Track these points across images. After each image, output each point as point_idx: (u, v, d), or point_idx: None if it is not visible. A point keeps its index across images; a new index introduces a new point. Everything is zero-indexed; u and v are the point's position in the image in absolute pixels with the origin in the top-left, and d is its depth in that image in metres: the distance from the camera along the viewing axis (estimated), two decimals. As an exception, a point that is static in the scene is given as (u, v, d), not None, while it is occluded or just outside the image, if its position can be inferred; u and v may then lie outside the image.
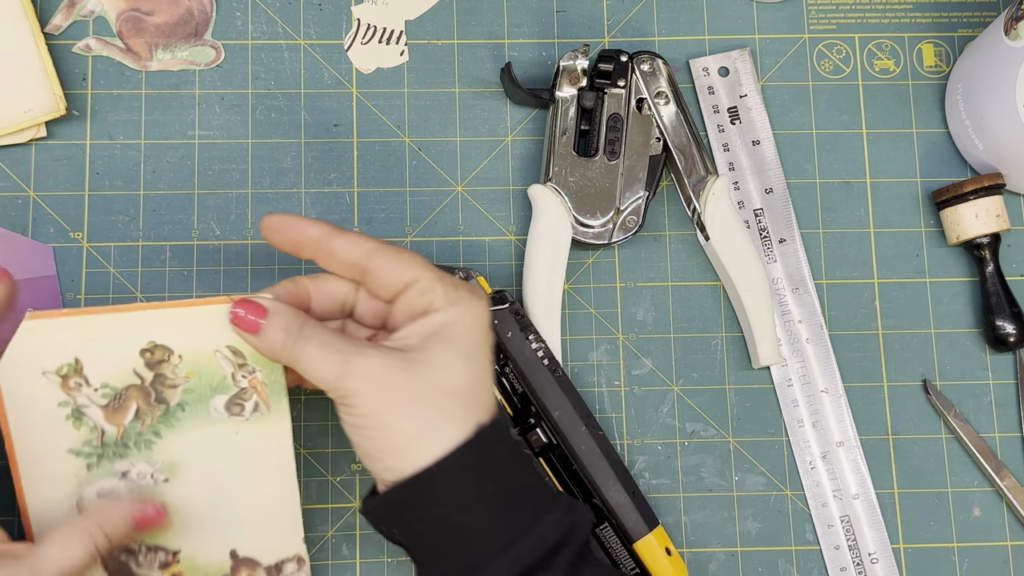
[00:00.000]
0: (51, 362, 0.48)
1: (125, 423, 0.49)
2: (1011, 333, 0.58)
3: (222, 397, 0.49)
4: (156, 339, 0.48)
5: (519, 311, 0.55)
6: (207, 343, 0.49)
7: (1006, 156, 0.58)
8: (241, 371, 0.49)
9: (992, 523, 0.58)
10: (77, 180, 0.59)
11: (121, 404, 0.49)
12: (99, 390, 0.49)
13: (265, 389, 0.49)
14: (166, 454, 0.49)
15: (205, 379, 0.49)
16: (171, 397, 0.49)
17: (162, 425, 0.49)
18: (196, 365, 0.49)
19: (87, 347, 0.48)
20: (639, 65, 0.59)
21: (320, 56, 0.61)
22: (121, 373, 0.49)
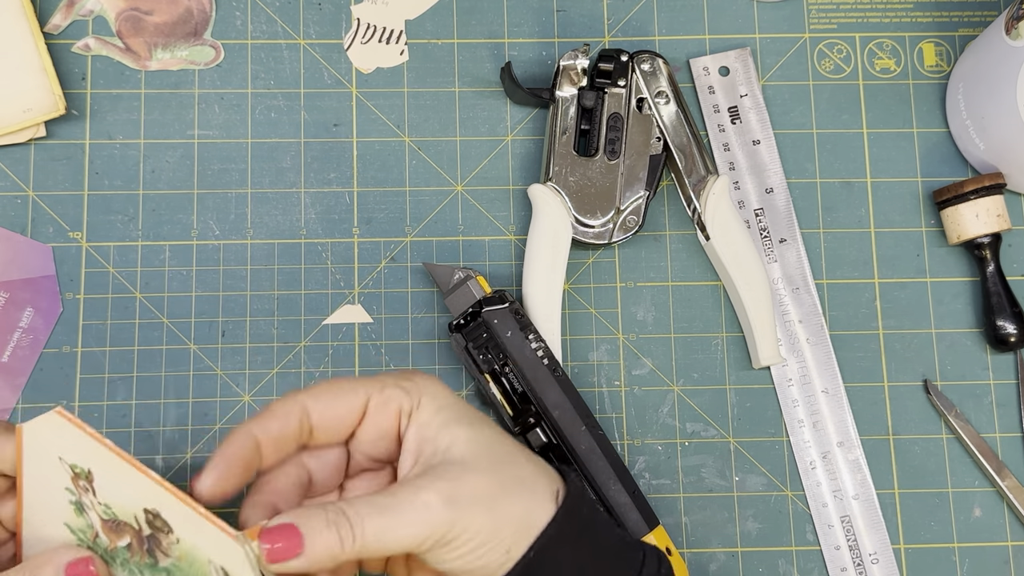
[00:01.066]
0: (68, 456, 0.45)
1: (118, 544, 0.46)
2: (1012, 333, 0.58)
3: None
4: (161, 512, 0.44)
5: (519, 311, 0.55)
6: (204, 550, 0.44)
7: (1007, 156, 0.58)
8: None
9: (993, 523, 0.58)
10: (76, 180, 0.59)
11: (117, 529, 0.46)
12: (101, 505, 0.45)
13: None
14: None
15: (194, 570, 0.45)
16: (160, 559, 0.45)
17: (148, 571, 0.46)
18: (188, 558, 0.45)
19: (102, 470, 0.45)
20: (639, 65, 0.59)
21: (320, 56, 0.61)
22: (123, 511, 0.45)
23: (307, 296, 0.59)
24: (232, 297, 0.58)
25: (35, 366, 0.57)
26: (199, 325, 0.58)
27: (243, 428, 0.43)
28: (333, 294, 0.59)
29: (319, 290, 0.59)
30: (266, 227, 0.59)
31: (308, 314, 0.58)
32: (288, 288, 0.59)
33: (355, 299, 0.59)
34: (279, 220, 0.59)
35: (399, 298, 0.59)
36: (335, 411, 0.43)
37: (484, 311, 0.55)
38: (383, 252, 0.59)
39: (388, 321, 0.59)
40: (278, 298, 0.58)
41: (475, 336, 0.55)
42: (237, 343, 0.58)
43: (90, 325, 0.57)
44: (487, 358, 0.55)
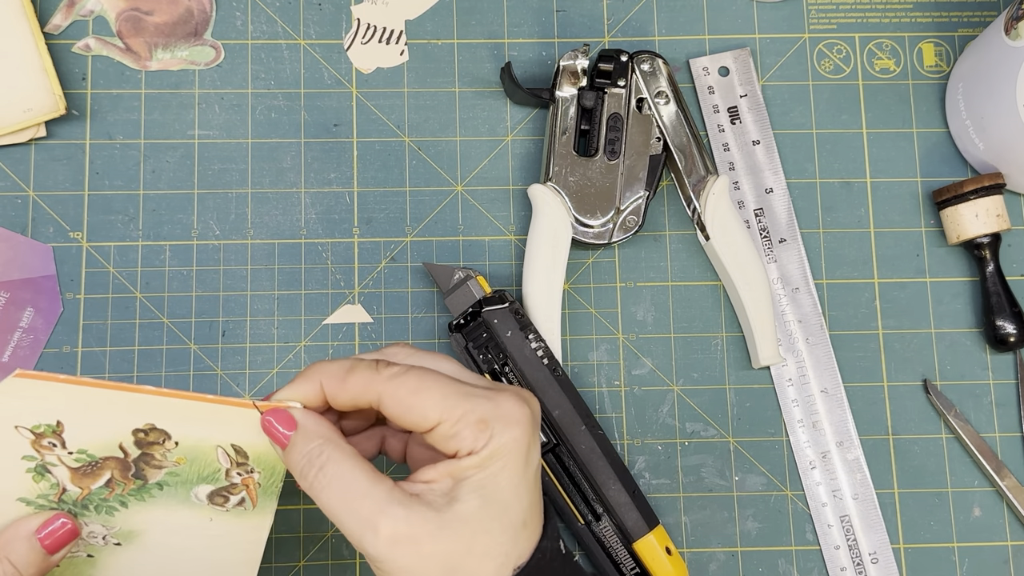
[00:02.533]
0: (28, 419, 0.44)
1: (92, 488, 0.45)
2: (1011, 333, 0.58)
3: (207, 487, 0.45)
4: (156, 423, 0.44)
5: (519, 311, 0.55)
6: (211, 438, 0.45)
7: (1006, 156, 0.58)
8: (238, 469, 0.45)
9: (992, 523, 0.58)
10: (77, 180, 0.59)
11: (94, 471, 0.45)
12: (73, 454, 0.45)
13: (258, 490, 0.46)
14: (126, 523, 0.46)
15: (196, 467, 0.45)
16: (152, 476, 0.45)
17: (132, 498, 0.46)
18: (191, 453, 0.45)
19: (73, 414, 0.44)
20: (639, 65, 0.59)
21: (320, 56, 0.61)
22: (104, 445, 0.45)
23: (307, 296, 0.59)
24: (232, 297, 0.58)
25: (35, 366, 0.57)
26: (199, 325, 0.58)
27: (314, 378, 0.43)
28: (333, 294, 0.59)
29: (319, 290, 0.59)
30: (266, 227, 0.59)
31: (308, 314, 0.58)
32: (288, 288, 0.59)
33: (355, 299, 0.59)
34: (279, 220, 0.59)
35: (399, 298, 0.59)
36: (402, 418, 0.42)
37: (484, 311, 0.55)
38: (383, 252, 0.59)
39: (388, 321, 0.59)
40: (278, 298, 0.59)
41: (475, 336, 0.55)
42: (237, 343, 0.58)
43: (90, 325, 0.57)
44: (487, 358, 0.55)
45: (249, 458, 0.45)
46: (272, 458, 0.45)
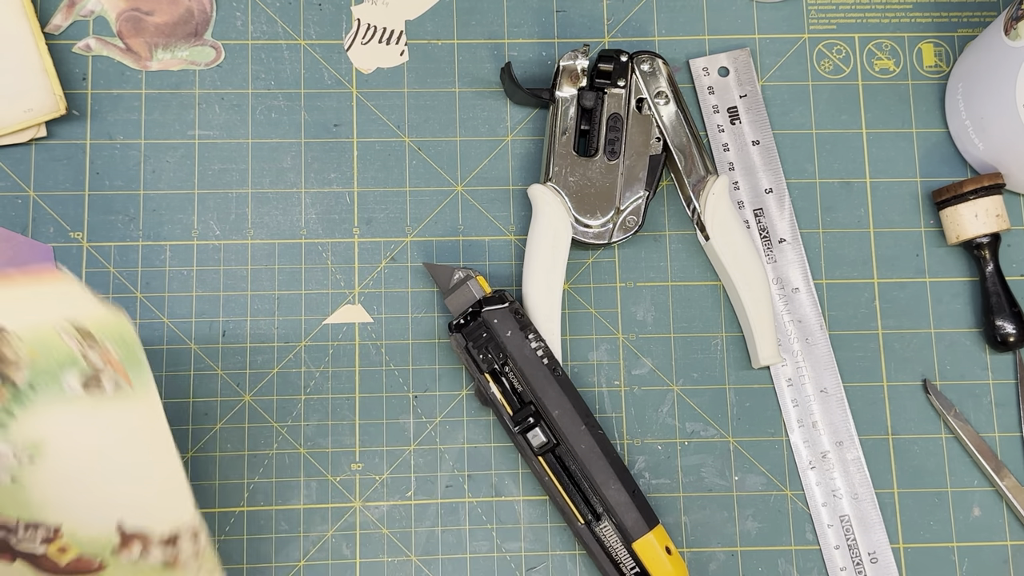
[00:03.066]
0: None
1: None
2: (1011, 333, 0.58)
3: (75, 375, 0.45)
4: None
5: (519, 310, 0.55)
6: (46, 321, 0.44)
7: (1006, 156, 0.58)
8: (90, 349, 0.44)
9: (992, 523, 0.58)
10: (77, 180, 0.59)
11: None
12: None
13: (123, 366, 0.45)
14: (24, 434, 0.46)
15: (52, 357, 0.44)
16: (17, 376, 0.45)
17: (14, 405, 0.45)
18: (38, 343, 0.44)
19: None
20: (639, 65, 0.59)
21: (320, 56, 0.61)
22: None
23: (307, 296, 0.59)
24: (232, 297, 0.58)
25: (36, 366, 0.57)
26: (199, 325, 0.58)
27: None
28: (333, 294, 0.59)
29: (319, 290, 0.59)
30: (266, 227, 0.59)
31: (308, 314, 0.59)
32: (288, 288, 0.59)
33: (355, 299, 0.59)
34: (279, 220, 0.59)
35: (399, 298, 0.59)
36: None
37: (484, 311, 0.55)
38: (383, 252, 0.59)
39: (388, 321, 0.59)
40: (278, 298, 0.59)
41: (475, 336, 0.55)
42: (237, 343, 0.58)
43: (91, 325, 0.58)
44: (487, 358, 0.55)
45: (92, 331, 0.44)
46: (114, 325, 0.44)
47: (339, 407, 0.58)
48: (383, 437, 0.58)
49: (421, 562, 0.57)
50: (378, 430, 0.58)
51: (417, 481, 0.57)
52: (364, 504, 0.57)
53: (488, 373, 0.55)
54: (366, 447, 0.57)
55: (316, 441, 0.57)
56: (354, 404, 0.58)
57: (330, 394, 0.58)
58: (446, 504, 0.57)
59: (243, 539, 0.56)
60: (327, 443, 0.57)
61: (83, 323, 0.44)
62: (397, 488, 0.57)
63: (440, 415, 0.58)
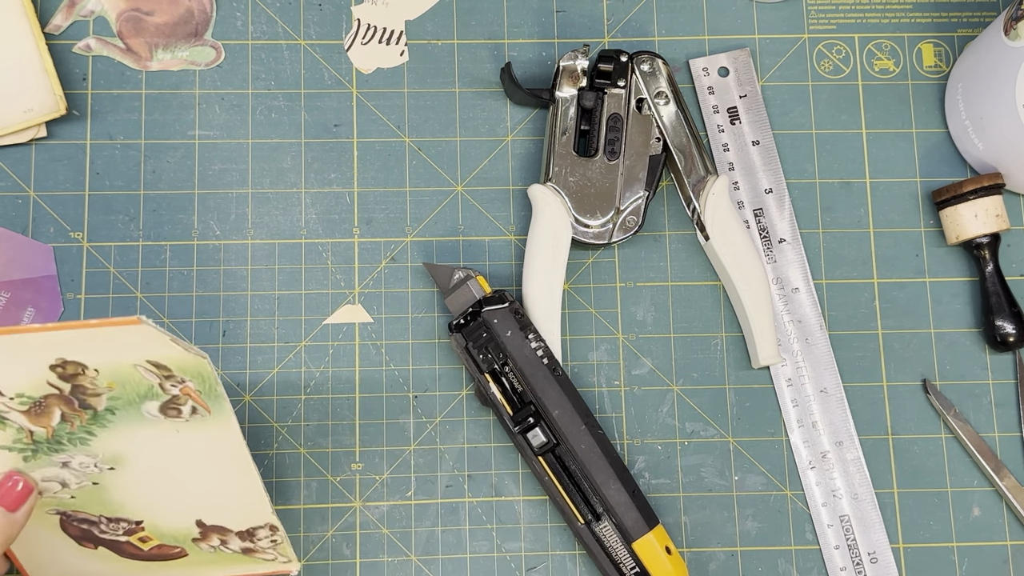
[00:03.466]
0: None
1: (52, 425, 0.47)
2: (1011, 333, 0.58)
3: (153, 403, 0.47)
4: (65, 356, 0.46)
5: (519, 310, 0.55)
6: (123, 360, 0.46)
7: (1006, 156, 0.58)
8: (169, 381, 0.47)
9: (992, 523, 0.58)
10: (77, 180, 0.59)
11: (43, 410, 0.47)
12: (15, 399, 0.46)
13: (200, 396, 0.47)
14: (106, 448, 0.48)
15: (129, 388, 0.47)
16: (97, 403, 0.47)
17: (94, 425, 0.47)
18: (117, 376, 0.46)
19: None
20: (639, 65, 0.59)
21: (320, 56, 0.61)
22: (35, 385, 0.46)
23: (307, 296, 0.59)
24: (233, 297, 0.58)
25: None
26: (200, 325, 0.58)
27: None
28: (333, 294, 0.59)
29: (319, 290, 0.59)
30: (267, 227, 0.59)
31: (308, 314, 0.59)
32: (288, 288, 0.59)
33: (355, 299, 0.59)
34: (279, 220, 0.59)
35: (399, 298, 0.59)
36: None
37: (484, 311, 0.55)
38: (383, 252, 0.59)
39: (388, 321, 0.59)
40: (278, 298, 0.59)
41: (475, 336, 0.55)
42: (237, 343, 0.58)
43: (91, 325, 0.58)
44: (487, 358, 0.55)
45: (173, 370, 0.46)
46: (193, 365, 0.46)
47: (339, 407, 0.58)
48: (383, 437, 0.58)
49: (421, 562, 0.57)
50: (378, 430, 0.58)
51: (417, 481, 0.57)
52: (364, 504, 0.57)
53: (488, 373, 0.55)
54: (366, 447, 0.57)
55: (316, 441, 0.57)
56: (354, 404, 0.58)
57: (330, 394, 0.58)
58: (446, 504, 0.57)
59: (243, 539, 0.56)
60: (327, 443, 0.57)
61: (162, 362, 0.46)
62: (397, 488, 0.57)
63: (440, 415, 0.58)
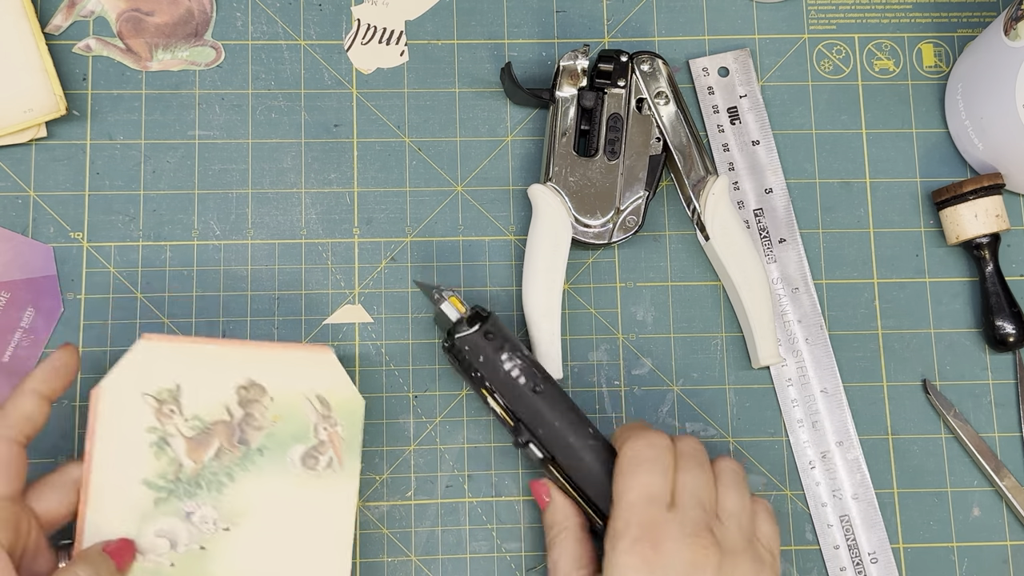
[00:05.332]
0: (154, 384, 0.50)
1: (204, 459, 0.50)
2: (1011, 333, 0.58)
3: (300, 447, 0.51)
4: (254, 377, 0.51)
5: (489, 331, 0.53)
6: (299, 388, 0.51)
7: (1006, 156, 0.58)
8: (324, 422, 0.51)
9: (992, 523, 0.58)
10: (77, 180, 0.59)
11: (205, 439, 0.50)
12: (189, 421, 0.50)
13: (342, 445, 0.51)
14: (233, 500, 0.50)
15: (289, 425, 0.51)
16: (253, 439, 0.50)
17: (237, 467, 0.50)
18: (285, 409, 0.51)
19: (190, 374, 0.50)
20: (639, 65, 0.59)
21: (320, 56, 0.61)
22: (214, 407, 0.50)
23: (307, 296, 0.59)
24: (233, 297, 0.58)
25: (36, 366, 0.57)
26: (200, 325, 0.58)
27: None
28: (333, 294, 0.59)
29: (319, 290, 0.59)
30: (267, 227, 0.59)
31: (308, 314, 0.59)
32: (288, 288, 0.59)
33: (355, 299, 0.59)
34: (279, 220, 0.59)
35: (399, 298, 0.59)
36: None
37: (456, 338, 0.53)
38: (383, 252, 0.59)
39: (388, 321, 0.59)
40: (278, 298, 0.59)
41: (459, 359, 0.53)
42: (237, 343, 0.58)
43: (91, 325, 0.58)
44: (473, 377, 0.54)
45: (332, 408, 0.51)
46: (352, 407, 0.52)
47: (339, 407, 0.58)
48: (383, 437, 0.58)
49: (421, 562, 0.57)
50: (378, 430, 0.58)
51: (417, 481, 0.57)
52: (364, 504, 0.57)
53: (483, 389, 0.54)
54: (366, 447, 0.57)
55: (316, 441, 0.57)
56: (354, 404, 0.58)
57: (330, 394, 0.58)
58: (446, 504, 0.57)
59: (243, 539, 0.56)
60: (327, 443, 0.57)
61: (327, 396, 0.51)
62: (397, 488, 0.57)
63: (440, 415, 0.58)
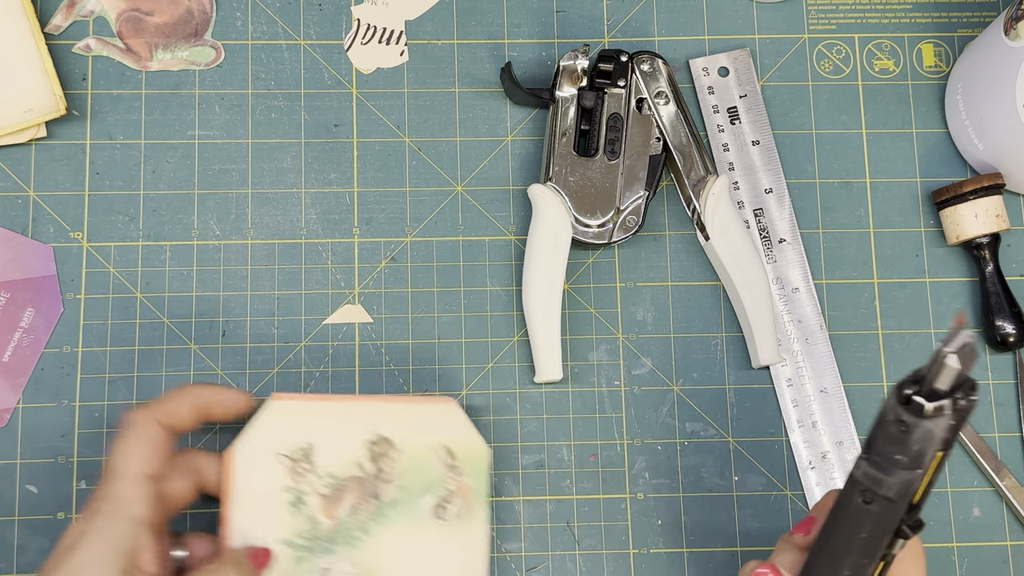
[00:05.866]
0: (287, 444, 0.51)
1: (339, 515, 0.51)
2: (1011, 333, 0.58)
3: (430, 498, 0.52)
4: (382, 431, 0.52)
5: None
6: (426, 441, 0.52)
7: (1006, 156, 0.58)
8: (451, 473, 0.52)
9: (992, 523, 0.58)
10: (77, 180, 0.59)
11: (339, 496, 0.51)
12: (322, 479, 0.51)
13: (470, 494, 0.52)
14: (368, 554, 0.51)
15: (418, 477, 0.51)
16: (385, 493, 0.51)
17: (371, 522, 0.51)
18: (413, 462, 0.52)
19: (321, 433, 0.51)
20: (639, 65, 0.59)
21: (320, 56, 0.61)
22: (346, 464, 0.51)
23: (307, 296, 0.59)
24: (232, 297, 0.58)
25: (36, 366, 0.57)
26: (199, 325, 0.58)
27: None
28: (333, 294, 0.59)
29: (319, 290, 0.59)
30: (266, 227, 0.59)
31: (308, 314, 0.58)
32: (288, 288, 0.59)
33: (355, 299, 0.59)
34: (279, 220, 0.59)
35: (399, 298, 0.59)
36: None
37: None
38: (383, 252, 0.59)
39: (388, 321, 0.59)
40: (278, 298, 0.59)
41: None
42: (237, 343, 0.58)
43: (91, 325, 0.58)
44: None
45: (458, 458, 0.52)
46: (478, 456, 0.52)
47: (339, 407, 0.58)
48: (383, 437, 0.58)
49: (421, 562, 0.57)
50: (378, 430, 0.58)
51: (417, 481, 0.57)
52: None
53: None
54: (366, 447, 0.57)
55: (316, 441, 0.57)
56: (354, 404, 0.58)
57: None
58: (446, 504, 0.57)
59: (243, 539, 0.56)
60: (327, 443, 0.57)
61: (453, 447, 0.52)
62: (397, 488, 0.57)
63: (440, 415, 0.58)
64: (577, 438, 0.58)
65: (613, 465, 0.58)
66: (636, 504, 0.57)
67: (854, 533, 0.40)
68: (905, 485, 0.38)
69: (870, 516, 0.39)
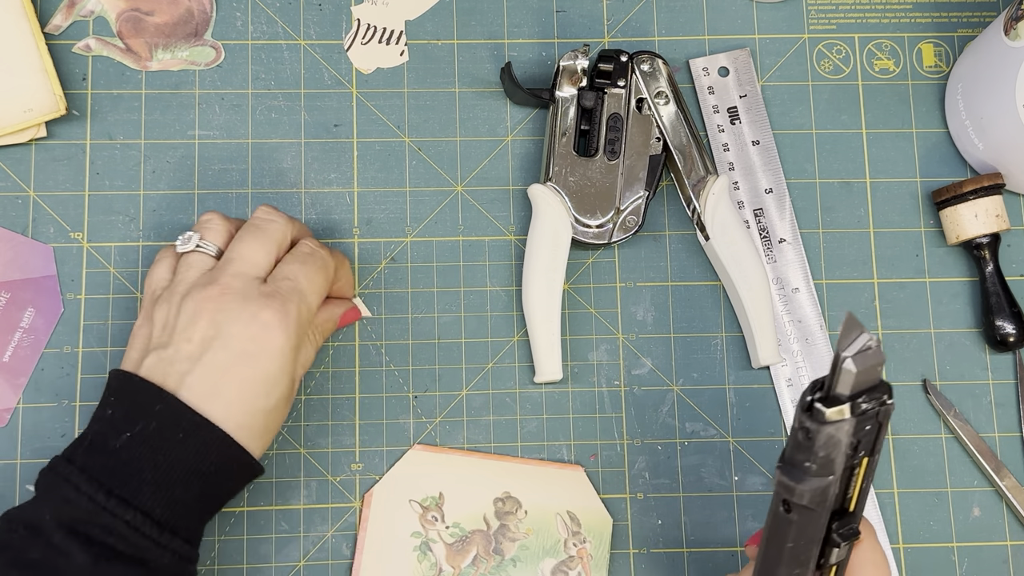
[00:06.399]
0: (420, 491, 0.54)
1: (462, 566, 0.52)
2: (1011, 333, 0.58)
3: (551, 561, 0.53)
4: (511, 491, 0.54)
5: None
6: (551, 505, 0.54)
7: (1006, 156, 0.58)
8: (574, 539, 0.54)
9: (992, 523, 0.58)
10: (77, 180, 0.59)
11: (464, 547, 0.52)
12: (449, 528, 0.53)
13: (590, 562, 0.54)
14: None
15: (541, 539, 0.53)
16: (507, 550, 0.53)
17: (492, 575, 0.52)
18: (537, 523, 0.54)
19: (453, 484, 0.54)
20: (639, 65, 0.59)
21: (320, 56, 0.61)
22: (472, 516, 0.53)
23: (307, 296, 0.59)
24: (232, 297, 0.58)
25: (36, 366, 0.57)
26: (200, 325, 0.58)
27: None
28: (333, 294, 0.59)
29: (319, 290, 0.59)
30: (266, 227, 0.59)
31: (308, 314, 0.58)
32: (288, 288, 0.59)
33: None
34: (279, 220, 0.59)
35: (399, 298, 0.59)
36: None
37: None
38: (383, 252, 0.59)
39: (388, 321, 0.59)
40: (278, 298, 0.58)
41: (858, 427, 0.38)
42: (237, 343, 0.58)
43: (91, 325, 0.58)
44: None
45: (581, 525, 0.54)
46: (601, 525, 0.54)
47: (339, 407, 0.58)
48: (383, 437, 0.58)
49: (421, 562, 0.57)
50: (378, 430, 0.58)
51: (417, 481, 0.57)
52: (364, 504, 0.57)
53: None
54: (366, 447, 0.57)
55: (316, 441, 0.57)
56: (354, 404, 0.58)
57: (330, 394, 0.58)
58: (446, 504, 0.57)
59: (243, 539, 0.56)
60: (327, 443, 0.57)
61: (577, 513, 0.54)
62: (397, 488, 0.57)
63: (440, 415, 0.58)
64: (577, 438, 0.58)
65: (613, 465, 0.58)
66: (636, 504, 0.57)
67: (781, 543, 0.40)
68: (818, 492, 0.38)
69: (792, 525, 0.39)
